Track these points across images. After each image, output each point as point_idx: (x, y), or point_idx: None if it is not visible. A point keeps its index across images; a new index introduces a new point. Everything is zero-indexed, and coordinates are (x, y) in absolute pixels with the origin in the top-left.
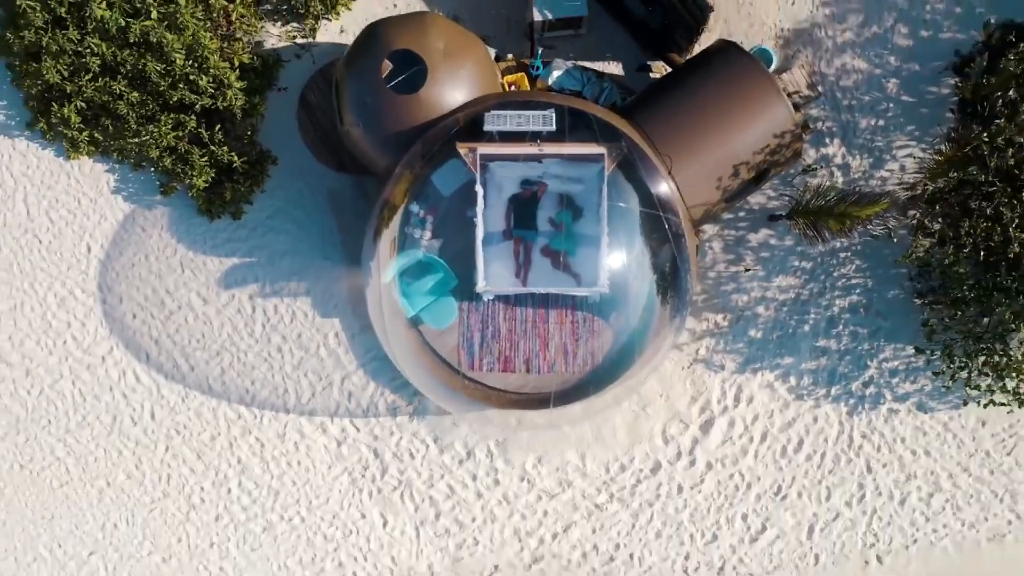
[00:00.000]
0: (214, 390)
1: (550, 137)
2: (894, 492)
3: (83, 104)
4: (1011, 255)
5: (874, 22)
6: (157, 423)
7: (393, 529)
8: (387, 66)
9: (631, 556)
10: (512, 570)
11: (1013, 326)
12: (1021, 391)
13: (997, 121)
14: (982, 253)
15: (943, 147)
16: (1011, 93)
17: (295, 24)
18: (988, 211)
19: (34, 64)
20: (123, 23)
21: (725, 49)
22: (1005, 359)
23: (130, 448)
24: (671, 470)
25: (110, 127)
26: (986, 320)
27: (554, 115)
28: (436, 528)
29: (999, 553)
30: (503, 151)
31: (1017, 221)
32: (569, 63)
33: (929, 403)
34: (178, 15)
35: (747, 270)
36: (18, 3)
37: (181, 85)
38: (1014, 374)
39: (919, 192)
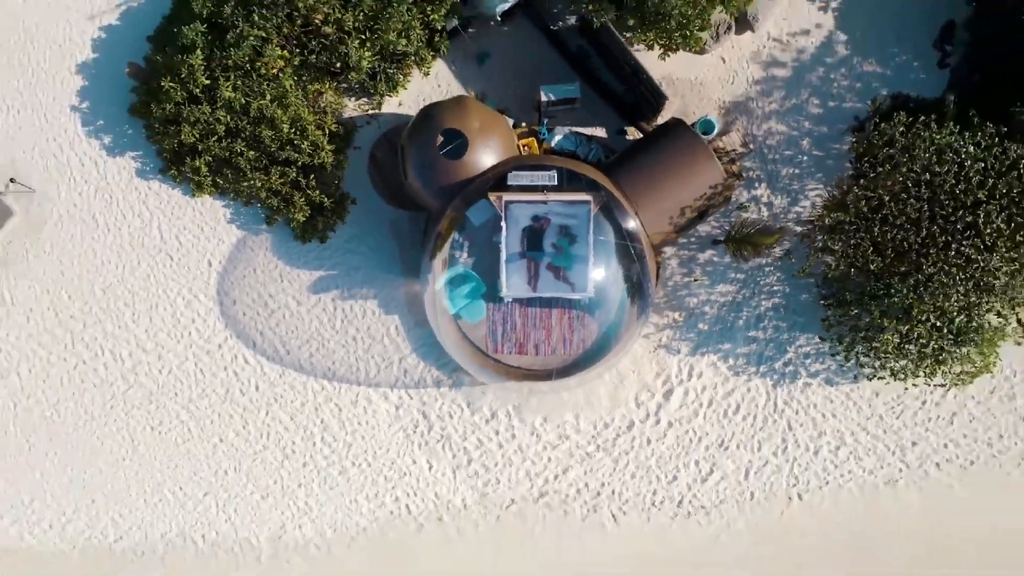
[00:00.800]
0: (304, 368)
1: (553, 188)
2: (809, 445)
3: (210, 158)
4: (873, 271)
5: (793, 95)
6: (260, 394)
7: (436, 472)
8: (439, 139)
9: (612, 492)
10: (524, 502)
11: (880, 322)
12: (896, 369)
13: (870, 175)
14: (852, 270)
15: (835, 192)
16: (878, 156)
17: (365, 99)
18: (852, 241)
19: (172, 127)
20: (244, 101)
21: (675, 125)
22: (880, 346)
23: (239, 413)
24: (642, 427)
25: (229, 175)
26: (870, 317)
27: (556, 174)
28: (468, 471)
29: (892, 494)
30: (521, 198)
31: (872, 248)
32: (567, 129)
33: (834, 378)
34: (286, 97)
35: (696, 280)
36: (162, 84)
37: (287, 147)
38: (885, 356)
39: (818, 223)
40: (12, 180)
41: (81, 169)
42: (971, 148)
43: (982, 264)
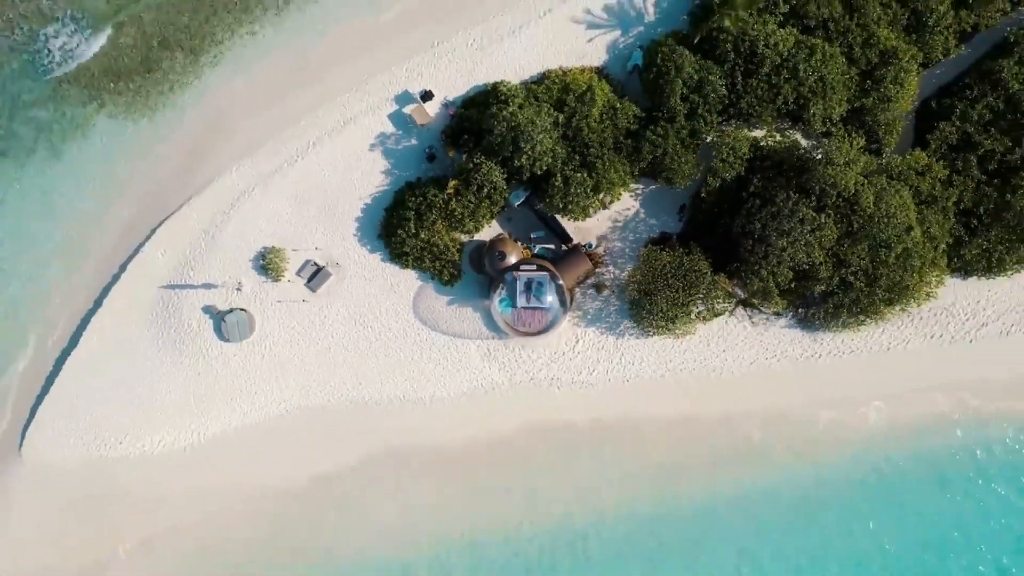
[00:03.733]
0: (445, 332)
1: (534, 270)
2: (630, 360)
3: (413, 257)
4: (638, 299)
5: (623, 233)
6: (427, 342)
7: (492, 370)
8: (497, 253)
9: (556, 378)
10: (525, 382)
11: (644, 316)
12: (654, 332)
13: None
14: (635, 297)
15: (631, 274)
16: (642, 260)
17: (468, 235)
18: (635, 289)
19: (399, 244)
20: (428, 239)
21: (577, 246)
22: (644, 324)
23: (420, 350)
24: (568, 353)
25: (422, 261)
26: (641, 314)
27: (536, 266)
28: (505, 370)
29: (663, 383)
30: (524, 272)
31: (639, 290)
32: (540, 245)
33: (639, 335)
34: (443, 236)
35: (594, 295)
36: (398, 231)
37: (444, 253)
38: (648, 328)
39: (627, 282)
40: (337, 263)
41: (359, 257)
42: (667, 259)
43: (673, 297)
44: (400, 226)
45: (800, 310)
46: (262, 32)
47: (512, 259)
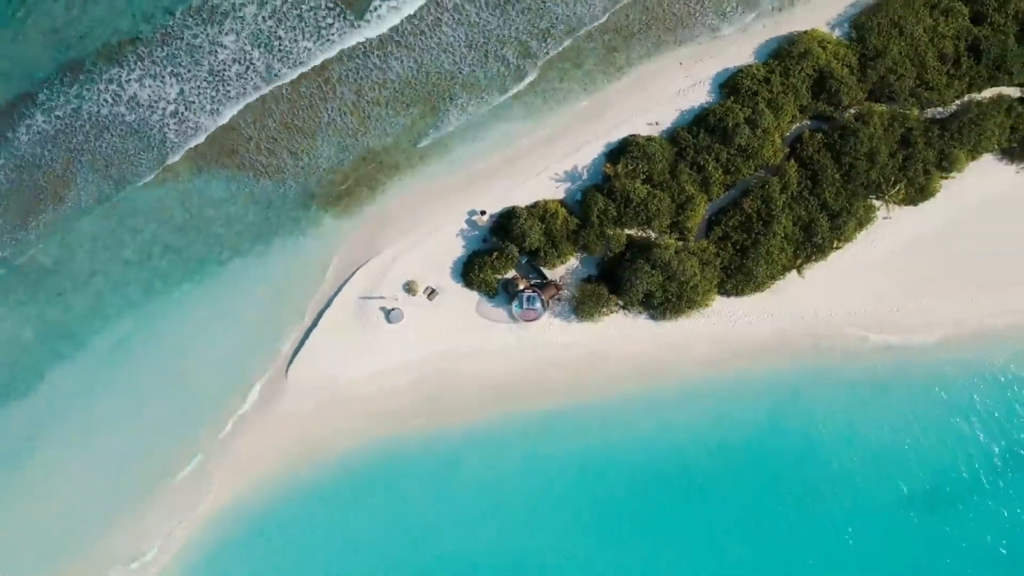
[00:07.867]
0: (492, 320)
1: (531, 292)
2: (574, 331)
3: (479, 287)
4: (578, 308)
5: (573, 275)
6: (488, 329)
7: (511, 338)
8: (514, 283)
9: (538, 341)
10: (529, 344)
11: (580, 312)
12: (584, 318)
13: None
14: (575, 305)
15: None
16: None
17: (500, 275)
18: (582, 302)
19: (469, 279)
20: (484, 278)
21: (550, 281)
22: (581, 317)
23: (474, 330)
24: (547, 330)
25: (480, 287)
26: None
27: (533, 289)
28: (518, 337)
29: (591, 344)
30: (526, 293)
31: (577, 299)
32: (533, 279)
33: (579, 322)
34: (490, 276)
35: (557, 302)
36: (471, 272)
37: (496, 284)
38: (583, 318)
39: (574, 297)
40: (442, 288)
41: (452, 285)
42: (589, 287)
43: (592, 304)
44: (471, 271)
45: (649, 311)
46: (404, 179)
47: (521, 286)
